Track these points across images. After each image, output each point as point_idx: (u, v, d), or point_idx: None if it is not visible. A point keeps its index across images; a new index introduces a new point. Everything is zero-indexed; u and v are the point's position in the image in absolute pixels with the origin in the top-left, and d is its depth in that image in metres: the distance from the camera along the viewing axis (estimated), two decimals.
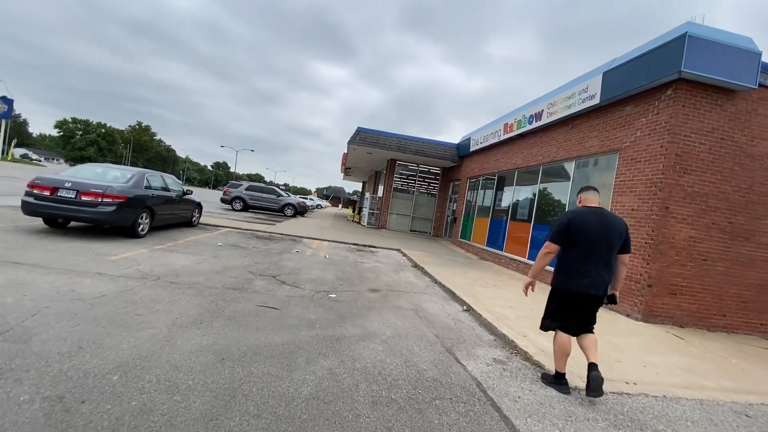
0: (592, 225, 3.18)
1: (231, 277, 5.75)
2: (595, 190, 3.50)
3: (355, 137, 16.02)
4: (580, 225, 3.19)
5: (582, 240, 3.17)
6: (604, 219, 3.22)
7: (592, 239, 3.16)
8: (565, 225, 3.24)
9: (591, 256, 3.17)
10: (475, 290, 6.96)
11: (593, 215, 3.23)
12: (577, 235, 3.19)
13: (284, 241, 10.52)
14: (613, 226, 3.20)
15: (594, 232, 3.16)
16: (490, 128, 13.32)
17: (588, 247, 3.17)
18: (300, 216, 21.49)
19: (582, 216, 3.23)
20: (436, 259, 10.63)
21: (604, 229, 3.17)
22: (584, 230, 3.17)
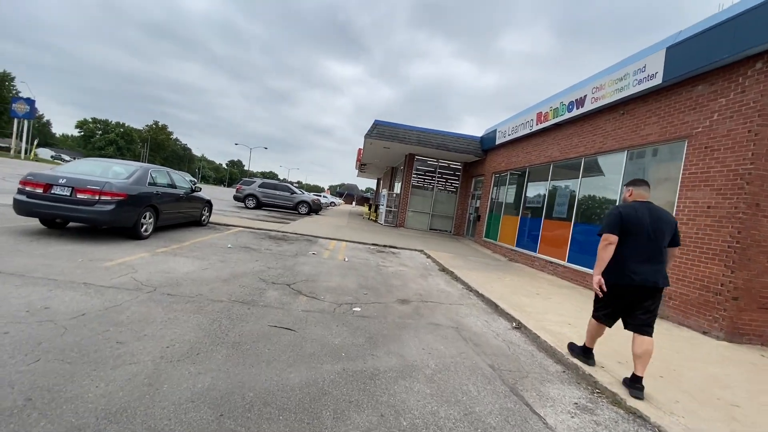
0: (644, 218, 3.21)
1: (239, 286, 4.96)
2: (647, 184, 3.48)
3: (373, 131, 15.15)
4: (632, 217, 3.22)
5: (634, 232, 3.21)
6: (656, 213, 3.27)
7: (644, 232, 3.19)
8: (618, 216, 3.26)
9: (644, 248, 3.20)
10: (519, 301, 6.03)
11: (644, 209, 3.27)
12: (630, 228, 3.22)
13: (299, 241, 9.75)
14: (663, 220, 3.25)
15: (646, 225, 3.20)
16: (520, 118, 12.27)
17: (640, 239, 3.20)
18: (314, 214, 20.78)
19: (634, 208, 3.27)
20: (464, 262, 9.71)
21: (655, 223, 3.21)
22: (637, 223, 3.21)
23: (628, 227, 3.22)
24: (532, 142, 11.72)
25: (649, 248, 3.20)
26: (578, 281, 8.47)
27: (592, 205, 8.73)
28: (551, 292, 7.20)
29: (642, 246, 3.20)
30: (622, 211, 3.28)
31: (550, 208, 10.38)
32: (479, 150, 15.82)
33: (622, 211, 3.28)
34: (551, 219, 10.21)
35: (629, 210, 3.27)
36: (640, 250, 3.20)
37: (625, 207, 3.32)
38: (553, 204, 10.28)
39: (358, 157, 27.31)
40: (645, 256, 3.19)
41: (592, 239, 8.54)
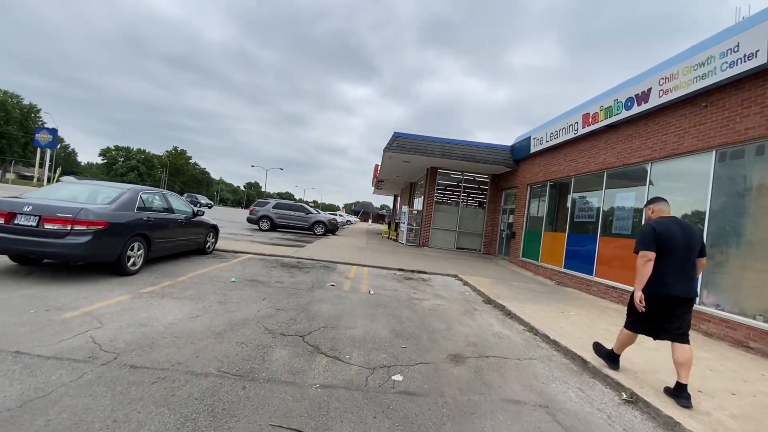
0: (675, 233, 3.37)
1: (237, 344, 3.66)
2: (666, 201, 3.72)
3: (392, 144, 13.98)
4: (665, 233, 3.36)
5: (668, 247, 3.33)
6: (684, 227, 3.45)
7: (677, 246, 3.33)
8: (653, 233, 3.38)
9: (677, 261, 3.33)
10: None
11: (674, 224, 3.45)
12: (664, 243, 3.34)
13: (315, 269, 8.46)
14: (692, 233, 3.42)
15: (679, 240, 3.34)
16: (561, 122, 10.88)
17: (674, 254, 3.32)
18: (331, 234, 19.58)
19: (665, 225, 3.42)
20: (508, 289, 8.21)
21: (685, 236, 3.37)
22: (669, 238, 3.34)
23: (663, 242, 3.35)
24: (578, 147, 10.27)
25: (682, 261, 3.35)
26: None
27: None
28: None
29: (676, 259, 3.35)
30: (656, 228, 3.42)
31: (607, 224, 8.85)
32: (510, 160, 14.41)
33: (656, 227, 3.42)
34: (610, 236, 8.66)
35: (662, 226, 3.41)
36: (674, 264, 3.34)
37: (658, 224, 3.46)
38: (611, 218, 8.74)
39: (374, 174, 26.22)
40: (679, 268, 3.34)
41: None
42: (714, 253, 6.11)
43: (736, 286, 5.79)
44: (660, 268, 3.34)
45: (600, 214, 9.10)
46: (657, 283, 3.34)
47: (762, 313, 5.29)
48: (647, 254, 3.34)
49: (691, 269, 3.39)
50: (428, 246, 16.48)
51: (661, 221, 3.49)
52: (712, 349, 5.09)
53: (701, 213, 6.39)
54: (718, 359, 4.64)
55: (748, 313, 5.45)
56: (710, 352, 4.92)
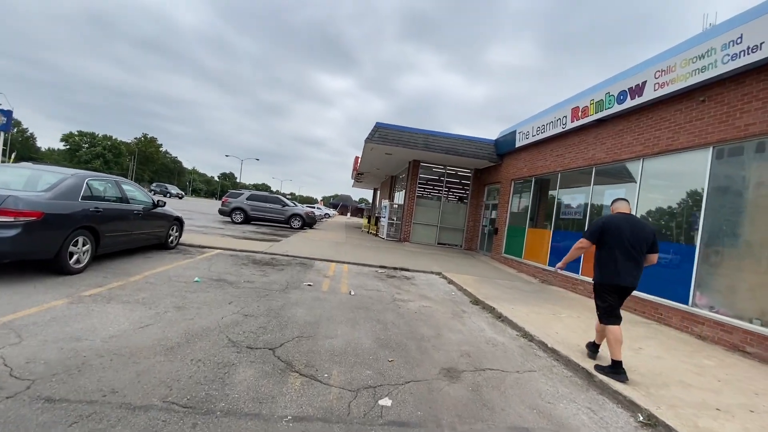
0: (623, 229, 3.71)
1: (191, 362, 3.04)
2: (626, 200, 4.09)
3: (374, 134, 13.38)
4: (612, 228, 3.74)
5: (615, 240, 3.70)
6: (634, 224, 3.79)
7: (624, 240, 3.67)
8: (600, 226, 3.81)
9: (624, 254, 3.68)
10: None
11: (624, 221, 3.79)
12: (611, 237, 3.72)
13: (291, 266, 7.82)
14: (641, 230, 3.75)
15: (625, 235, 3.68)
16: (548, 116, 10.58)
17: (621, 247, 3.68)
18: (309, 228, 18.85)
19: (615, 221, 3.79)
20: (494, 288, 7.85)
21: (633, 233, 3.70)
22: (616, 232, 3.71)
23: (609, 235, 3.71)
24: (566, 142, 10.01)
25: (628, 255, 3.67)
26: (650, 314, 6.64)
27: (661, 216, 6.97)
28: (636, 336, 5.35)
29: (620, 252, 3.68)
30: (604, 223, 3.80)
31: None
32: (494, 155, 14.10)
33: (605, 223, 3.80)
34: None
35: (611, 222, 3.77)
36: (618, 256, 3.68)
37: (609, 219, 3.83)
38: (599, 216, 8.51)
39: (354, 166, 25.55)
40: (622, 261, 3.66)
41: (665, 261, 6.77)
42: (708, 253, 5.90)
43: (732, 288, 5.59)
44: (606, 259, 3.77)
45: (587, 212, 8.86)
46: (609, 273, 3.75)
47: (759, 316, 5.09)
48: (583, 242, 3.90)
49: (635, 261, 3.70)
50: (409, 241, 16.05)
51: (612, 217, 3.88)
52: (712, 355, 4.85)
53: (695, 212, 6.17)
54: (721, 367, 4.37)
55: (744, 316, 5.24)
56: (711, 359, 4.67)
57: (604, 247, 3.77)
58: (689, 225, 6.30)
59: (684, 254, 6.27)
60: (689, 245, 6.20)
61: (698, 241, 6.02)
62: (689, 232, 6.28)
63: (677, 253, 6.46)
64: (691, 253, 6.12)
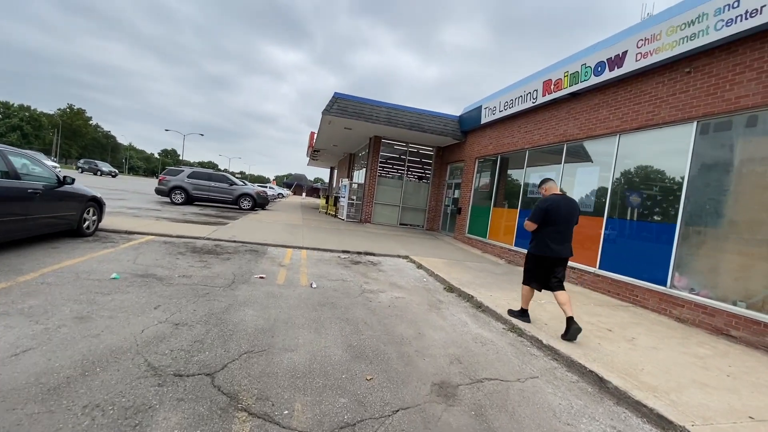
0: (561, 207, 4.22)
1: (84, 410, 2.06)
2: (553, 180, 4.59)
3: (332, 106, 12.22)
4: (552, 208, 4.21)
5: (553, 219, 4.20)
6: (568, 202, 4.32)
7: (560, 218, 4.20)
8: (544, 209, 4.23)
9: (559, 230, 4.21)
10: (610, 351, 3.71)
11: (561, 200, 4.30)
12: (553, 217, 4.20)
13: (239, 254, 6.74)
14: (573, 207, 4.32)
15: (561, 213, 4.20)
16: (517, 90, 10.07)
17: (557, 224, 4.21)
18: (260, 209, 17.41)
19: (554, 201, 4.26)
20: (465, 272, 7.33)
21: (567, 210, 4.24)
22: (556, 212, 4.20)
23: (550, 216, 4.21)
24: (536, 118, 9.57)
25: (562, 230, 4.24)
26: (625, 296, 6.44)
27: (638, 194, 6.70)
28: (623, 323, 5.00)
29: (558, 228, 4.22)
30: (547, 206, 4.23)
31: None
32: (458, 131, 13.53)
33: (548, 206, 4.23)
34: None
35: (552, 203, 4.24)
36: (557, 232, 4.22)
37: (549, 201, 4.27)
38: (571, 194, 8.21)
39: (310, 143, 24.05)
40: (559, 236, 4.22)
41: (633, 240, 6.56)
42: (689, 233, 5.69)
43: (714, 270, 5.42)
44: (546, 234, 4.21)
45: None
46: (544, 247, 4.23)
47: (743, 298, 4.92)
48: (531, 225, 4.33)
49: (569, 235, 4.27)
50: (371, 222, 15.27)
51: (550, 199, 4.28)
52: (703, 342, 4.60)
53: (676, 190, 5.93)
54: (719, 357, 4.09)
55: (728, 298, 5.07)
56: (704, 346, 4.40)
57: (546, 225, 4.25)
58: (669, 204, 6.06)
59: (662, 234, 6.04)
60: (668, 224, 5.97)
61: (679, 220, 5.78)
62: (669, 211, 6.04)
63: (655, 233, 6.24)
64: (670, 233, 5.89)
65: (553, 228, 4.20)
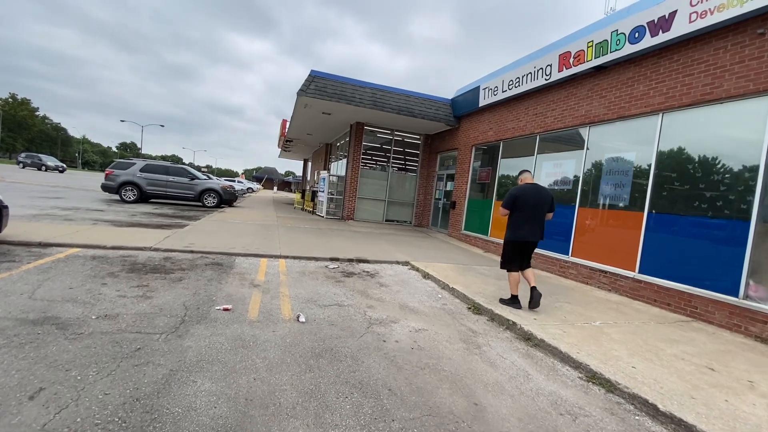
0: (531, 196, 4.62)
1: None
2: (529, 171, 5.09)
3: (309, 86, 10.53)
4: (521, 196, 4.63)
5: (525, 207, 4.61)
6: (538, 191, 4.71)
7: (528, 205, 4.60)
8: (514, 197, 4.65)
9: (528, 216, 4.62)
10: (750, 413, 2.47)
11: (532, 189, 4.69)
12: (522, 204, 4.62)
13: (196, 271, 5.10)
14: (542, 196, 4.68)
15: (530, 200, 4.61)
16: (525, 66, 8.80)
17: (526, 211, 4.61)
18: (227, 206, 15.48)
19: (523, 190, 4.67)
20: (481, 281, 6.04)
21: (536, 198, 4.63)
22: (524, 200, 4.61)
23: (519, 203, 4.62)
24: (548, 98, 8.35)
25: (533, 216, 4.63)
26: (677, 307, 5.33)
27: (692, 186, 5.57)
28: (715, 353, 3.82)
29: (528, 215, 4.62)
30: (516, 193, 4.65)
31: (590, 192, 7.16)
32: (451, 117, 12.18)
33: (517, 194, 4.65)
34: (595, 207, 7.00)
35: (521, 191, 4.65)
36: (527, 219, 4.63)
37: (519, 189, 4.69)
38: (595, 186, 7.05)
39: (282, 132, 22.07)
40: (531, 221, 4.62)
41: (687, 239, 5.46)
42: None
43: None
44: (518, 221, 4.69)
45: (580, 181, 7.37)
46: (516, 233, 4.72)
47: None
48: (504, 211, 4.80)
49: (540, 221, 4.67)
50: (353, 219, 13.75)
51: (521, 187, 4.73)
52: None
53: (748, 179, 4.81)
54: None
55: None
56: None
57: (517, 212, 4.64)
58: (738, 196, 4.95)
59: (731, 233, 4.94)
60: (739, 221, 4.87)
61: (754, 216, 4.68)
62: (738, 205, 4.94)
63: (720, 231, 5.13)
64: (742, 231, 4.79)
65: (523, 214, 4.63)
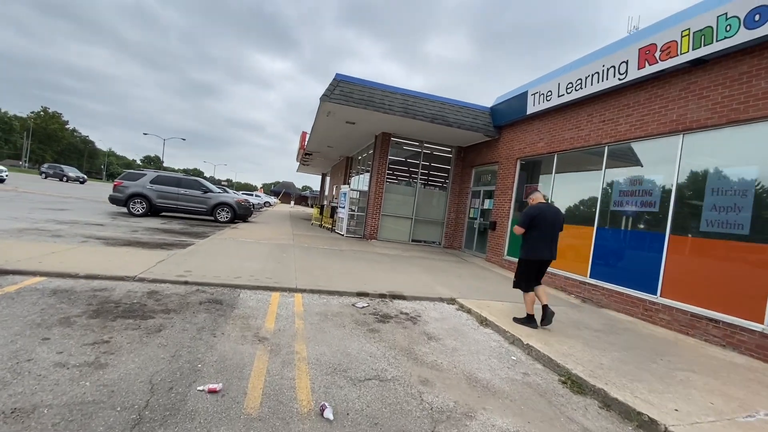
0: (548, 216, 4.73)
1: None
2: (539, 191, 5.13)
3: (333, 90, 9.41)
4: (538, 216, 4.69)
5: (542, 225, 4.69)
6: (552, 210, 4.85)
7: (546, 224, 4.70)
8: (530, 216, 4.72)
9: (545, 235, 4.71)
10: None
11: (547, 208, 4.81)
12: (539, 222, 4.68)
13: (184, 314, 3.81)
14: (557, 216, 4.82)
15: (549, 221, 4.71)
16: (589, 65, 7.44)
17: (543, 230, 4.69)
18: (241, 221, 14.40)
19: (540, 209, 4.74)
20: (567, 336, 4.54)
21: (552, 218, 4.75)
22: (543, 219, 4.69)
23: (536, 222, 4.69)
24: (621, 101, 6.93)
25: (549, 235, 4.73)
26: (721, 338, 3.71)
27: None
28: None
29: (545, 234, 4.70)
30: (534, 213, 4.71)
31: (688, 217, 5.64)
32: (491, 127, 10.85)
33: (534, 213, 4.71)
34: (699, 236, 5.46)
35: (537, 211, 4.72)
36: (544, 237, 4.70)
37: (535, 209, 4.75)
38: (695, 209, 5.54)
39: (301, 145, 21.15)
40: (546, 240, 4.71)
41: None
42: None
43: None
44: (535, 240, 4.72)
45: (671, 202, 5.87)
46: (533, 251, 4.74)
47: None
48: (519, 230, 4.82)
49: (554, 240, 4.78)
50: (376, 238, 12.42)
51: (537, 206, 4.78)
52: None
53: None
54: None
55: None
56: None
57: (533, 230, 4.73)
58: None
59: None
60: None
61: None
62: None
63: None
64: None
65: (539, 233, 4.68)
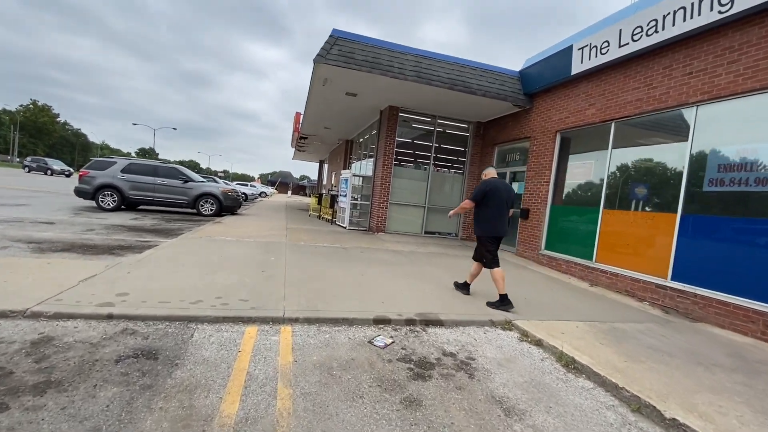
0: (500, 190, 4.65)
1: None
2: (492, 167, 5.42)
3: (330, 49, 7.56)
4: (492, 190, 4.61)
5: (494, 200, 4.62)
6: (505, 186, 4.78)
7: (501, 199, 4.63)
8: (484, 192, 4.62)
9: (500, 211, 4.65)
10: None
11: (501, 184, 4.75)
12: (491, 197, 4.61)
13: (72, 391, 2.13)
14: (511, 192, 4.78)
15: (501, 195, 4.64)
16: (666, 2, 5.61)
17: (499, 205, 4.64)
18: (229, 214, 12.66)
19: (493, 184, 4.66)
20: (683, 371, 2.86)
21: (506, 193, 4.70)
22: (495, 194, 4.61)
23: (490, 197, 4.60)
24: (723, 43, 5.12)
25: (503, 211, 4.67)
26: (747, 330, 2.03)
27: None
28: None
29: (500, 210, 4.64)
30: (487, 188, 4.61)
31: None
32: (520, 94, 9.03)
33: (487, 188, 4.61)
34: None
35: (491, 185, 4.63)
36: (500, 213, 4.64)
37: (489, 184, 4.65)
38: None
39: (295, 127, 19.25)
40: (501, 216, 4.65)
41: None
42: None
43: None
44: (490, 215, 4.64)
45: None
46: (494, 228, 4.64)
47: None
48: (469, 203, 4.75)
49: (507, 216, 4.73)
50: (384, 231, 10.71)
51: (490, 181, 4.70)
52: None
53: None
54: None
55: None
56: None
57: (486, 206, 4.64)
58: None
59: None
60: None
61: None
62: None
63: None
64: None
65: (495, 209, 4.61)
